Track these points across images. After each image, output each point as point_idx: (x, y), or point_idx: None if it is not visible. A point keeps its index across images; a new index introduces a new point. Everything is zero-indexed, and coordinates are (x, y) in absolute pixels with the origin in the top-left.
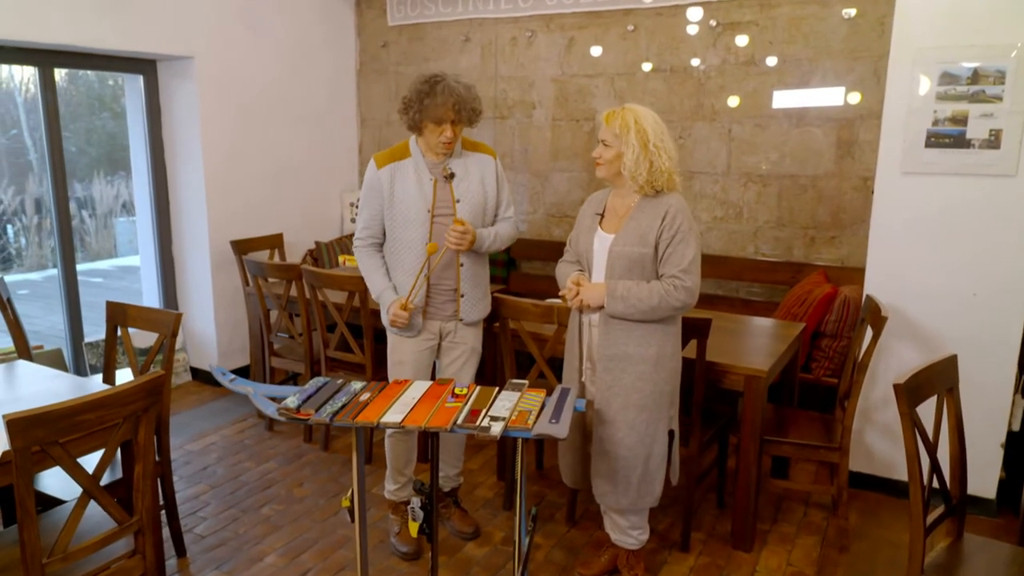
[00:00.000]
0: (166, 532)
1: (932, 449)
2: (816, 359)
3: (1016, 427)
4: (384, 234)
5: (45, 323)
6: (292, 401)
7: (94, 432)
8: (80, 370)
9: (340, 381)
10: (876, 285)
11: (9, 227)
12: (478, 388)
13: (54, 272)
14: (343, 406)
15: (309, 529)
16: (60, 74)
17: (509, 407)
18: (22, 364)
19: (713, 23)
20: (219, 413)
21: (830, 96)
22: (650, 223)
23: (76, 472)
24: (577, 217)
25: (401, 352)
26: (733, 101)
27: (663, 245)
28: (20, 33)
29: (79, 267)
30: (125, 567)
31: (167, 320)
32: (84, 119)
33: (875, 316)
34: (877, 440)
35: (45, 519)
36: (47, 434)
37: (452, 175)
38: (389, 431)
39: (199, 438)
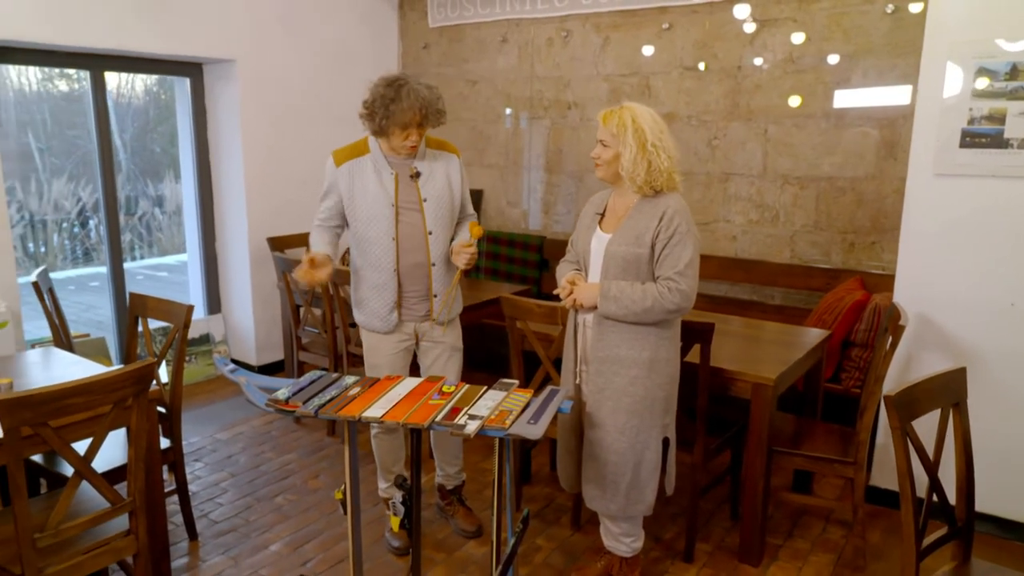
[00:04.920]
0: (180, 517)
1: (932, 469)
2: (846, 369)
3: None
4: (343, 222)
5: (108, 313)
6: (283, 393)
7: (90, 418)
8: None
9: (335, 375)
10: (906, 293)
11: (91, 221)
12: (466, 386)
13: (125, 265)
14: (331, 399)
15: (316, 520)
16: (151, 79)
17: (491, 406)
18: (54, 351)
19: (750, 19)
20: (251, 405)
21: (872, 95)
22: (647, 223)
23: (66, 452)
24: (579, 217)
25: (376, 355)
26: (769, 100)
27: (659, 246)
28: (71, 38)
29: (148, 262)
30: (117, 546)
31: (180, 312)
32: (170, 121)
33: (894, 324)
34: None
35: (48, 498)
36: (34, 416)
37: (418, 174)
38: (374, 430)
39: (229, 427)
